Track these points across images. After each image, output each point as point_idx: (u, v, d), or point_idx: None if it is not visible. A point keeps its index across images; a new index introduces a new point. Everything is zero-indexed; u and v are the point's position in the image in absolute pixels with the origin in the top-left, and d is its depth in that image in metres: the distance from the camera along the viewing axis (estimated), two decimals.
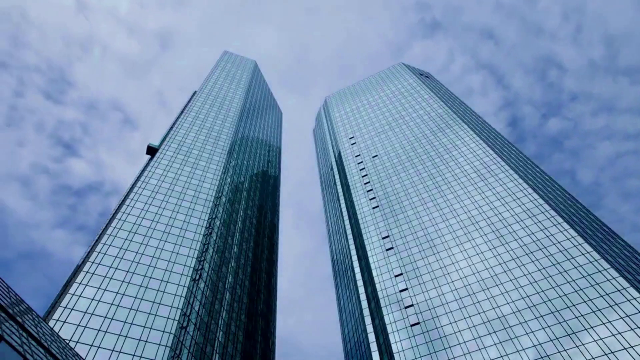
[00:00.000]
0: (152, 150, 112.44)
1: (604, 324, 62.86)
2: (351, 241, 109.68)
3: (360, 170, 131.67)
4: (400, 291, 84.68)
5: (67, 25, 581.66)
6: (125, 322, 62.66)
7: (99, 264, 70.41)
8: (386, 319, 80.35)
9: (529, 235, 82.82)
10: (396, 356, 72.89)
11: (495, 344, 67.76)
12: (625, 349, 58.67)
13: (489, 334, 69.64)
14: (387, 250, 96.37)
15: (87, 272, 68.20)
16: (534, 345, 64.77)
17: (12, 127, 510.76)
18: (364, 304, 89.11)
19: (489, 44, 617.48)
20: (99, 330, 59.92)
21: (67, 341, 56.32)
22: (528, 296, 72.14)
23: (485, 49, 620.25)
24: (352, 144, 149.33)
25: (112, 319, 62.32)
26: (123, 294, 66.88)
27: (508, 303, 72.77)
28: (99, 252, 72.69)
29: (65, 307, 61.13)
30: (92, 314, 61.68)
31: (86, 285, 65.89)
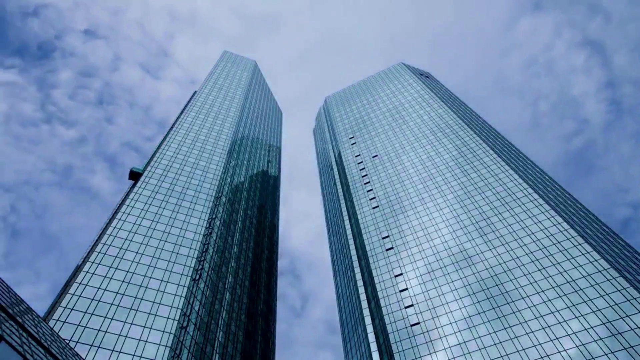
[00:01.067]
0: (135, 175, 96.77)
1: (604, 324, 62.87)
2: (351, 241, 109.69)
3: (360, 170, 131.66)
4: (400, 291, 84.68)
5: (171, 1, 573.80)
6: (125, 322, 62.67)
7: (99, 264, 70.43)
8: (386, 319, 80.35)
9: (528, 235, 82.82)
10: (396, 356, 72.90)
11: (495, 344, 67.79)
12: (625, 349, 58.69)
13: (489, 334, 69.65)
14: (387, 250, 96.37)
15: (87, 272, 68.22)
16: (534, 346, 64.80)
17: (104, 104, 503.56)
18: (364, 304, 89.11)
19: (596, 20, 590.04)
20: (99, 330, 59.93)
21: (67, 341, 56.33)
22: (528, 296, 72.13)
23: (593, 24, 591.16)
24: (352, 144, 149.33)
25: (112, 319, 62.33)
26: (123, 294, 66.89)
27: (508, 303, 72.78)
28: (99, 252, 72.70)
29: (65, 307, 61.15)
30: (92, 314, 61.70)
31: (86, 285, 65.90)
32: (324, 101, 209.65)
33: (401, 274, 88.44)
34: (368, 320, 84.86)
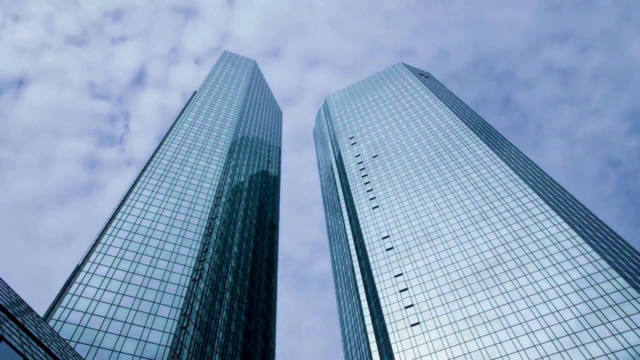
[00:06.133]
0: None
1: (603, 324, 62.87)
2: (351, 241, 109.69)
3: (360, 170, 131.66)
4: (400, 291, 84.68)
5: None
6: (125, 322, 62.67)
7: (99, 264, 70.43)
8: (386, 319, 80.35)
9: (528, 235, 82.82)
10: (396, 356, 72.90)
11: (495, 344, 67.77)
12: (625, 349, 58.68)
13: (489, 334, 69.63)
14: (387, 250, 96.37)
15: (87, 272, 68.22)
16: (534, 346, 64.81)
17: None
18: (364, 304, 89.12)
19: None
20: (99, 330, 59.93)
21: (67, 341, 56.32)
22: (528, 296, 72.13)
23: None
24: (352, 144, 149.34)
25: (112, 319, 62.33)
26: (123, 294, 66.90)
27: (508, 303, 72.78)
28: (99, 252, 72.71)
29: (65, 307, 61.15)
30: (92, 314, 61.70)
31: (86, 285, 65.90)
32: (324, 101, 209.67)
33: (401, 274, 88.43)
34: (368, 320, 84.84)
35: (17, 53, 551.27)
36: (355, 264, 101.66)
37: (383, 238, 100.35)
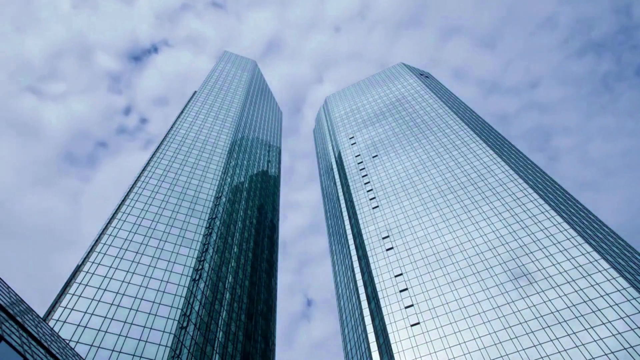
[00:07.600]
0: None
1: (604, 324, 62.88)
2: (351, 241, 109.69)
3: (360, 170, 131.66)
4: (400, 291, 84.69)
5: None
6: (125, 322, 62.67)
7: (99, 264, 70.43)
8: (386, 319, 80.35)
9: (528, 235, 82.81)
10: (396, 356, 72.89)
11: (495, 344, 67.77)
12: (625, 349, 58.68)
13: (489, 334, 69.64)
14: (387, 250, 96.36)
15: (87, 272, 68.21)
16: (534, 346, 64.83)
17: None
18: (364, 304, 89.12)
19: None
20: (99, 330, 59.93)
21: (67, 341, 56.33)
22: (528, 296, 72.14)
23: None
24: (352, 144, 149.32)
25: (112, 319, 62.33)
26: (123, 294, 66.90)
27: (508, 303, 72.80)
28: (99, 252, 72.70)
29: (65, 307, 61.15)
30: (92, 314, 61.70)
31: (86, 285, 65.90)
32: (324, 101, 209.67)
33: (401, 274, 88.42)
34: (368, 320, 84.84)
35: (154, 18, 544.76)
36: (355, 264, 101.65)
37: (383, 238, 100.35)
